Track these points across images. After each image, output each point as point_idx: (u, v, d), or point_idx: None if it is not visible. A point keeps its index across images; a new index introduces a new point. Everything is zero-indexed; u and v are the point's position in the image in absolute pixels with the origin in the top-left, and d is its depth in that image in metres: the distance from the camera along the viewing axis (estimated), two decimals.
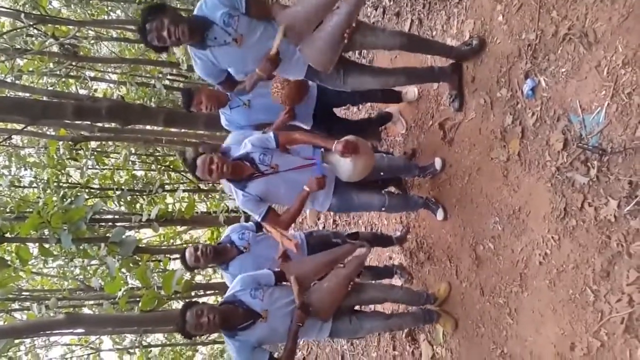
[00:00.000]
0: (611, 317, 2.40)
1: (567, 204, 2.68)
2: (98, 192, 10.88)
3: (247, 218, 6.28)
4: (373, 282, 4.24)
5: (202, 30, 2.80)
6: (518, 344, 2.99)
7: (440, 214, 3.77)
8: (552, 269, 2.75)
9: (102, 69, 13.35)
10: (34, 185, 11.08)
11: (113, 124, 8.22)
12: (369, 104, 5.01)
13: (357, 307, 3.49)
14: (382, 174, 3.78)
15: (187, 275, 7.22)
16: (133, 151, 12.42)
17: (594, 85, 2.54)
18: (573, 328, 2.60)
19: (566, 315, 2.65)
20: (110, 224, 8.60)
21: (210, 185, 10.91)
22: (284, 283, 3.18)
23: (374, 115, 4.75)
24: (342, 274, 3.10)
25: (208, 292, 10.27)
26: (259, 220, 3.31)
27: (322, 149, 3.28)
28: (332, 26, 2.72)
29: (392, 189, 4.23)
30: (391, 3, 4.65)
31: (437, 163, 3.77)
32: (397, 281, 4.36)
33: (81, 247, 6.79)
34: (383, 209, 3.62)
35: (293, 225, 7.35)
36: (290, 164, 3.25)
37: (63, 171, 10.81)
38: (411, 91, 4.20)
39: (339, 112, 4.41)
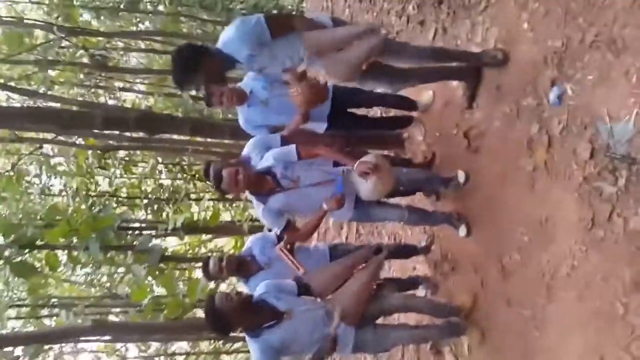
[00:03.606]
0: None
1: (595, 215, 2.61)
2: (126, 200, 11.06)
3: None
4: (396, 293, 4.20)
5: (230, 68, 2.90)
6: (545, 356, 2.91)
7: (462, 231, 3.70)
8: (580, 281, 2.69)
9: (130, 80, 13.61)
10: (64, 193, 11.32)
11: (141, 134, 8.37)
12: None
13: (380, 320, 3.46)
14: (401, 188, 3.79)
15: (212, 284, 7.26)
16: (160, 160, 12.60)
17: (622, 93, 2.49)
18: (601, 342, 2.53)
19: (595, 329, 2.58)
20: (137, 232, 8.73)
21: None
22: (306, 297, 3.18)
23: (394, 114, 4.76)
24: (363, 276, 3.12)
25: None
26: (278, 233, 3.37)
27: (344, 166, 3.31)
28: (353, 55, 2.86)
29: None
30: (415, 12, 4.64)
31: (460, 176, 3.70)
32: (421, 293, 4.31)
33: (108, 255, 6.91)
34: (402, 222, 3.66)
35: (316, 235, 7.36)
36: (311, 178, 3.29)
37: (92, 180, 11.04)
38: (426, 95, 4.21)
39: (358, 111, 4.40)
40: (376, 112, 5.28)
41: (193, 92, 11.45)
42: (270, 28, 2.80)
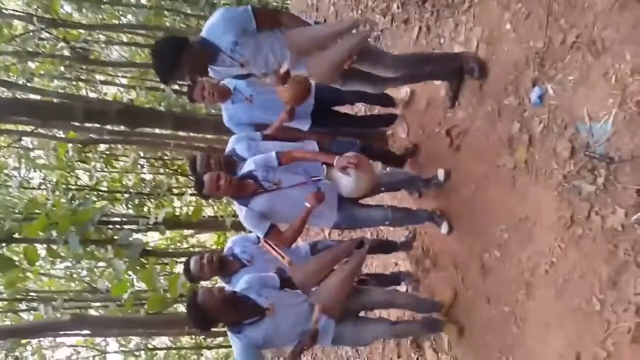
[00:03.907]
0: (618, 327, 2.38)
1: (574, 213, 2.66)
2: (106, 194, 10.95)
3: None
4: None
5: (213, 57, 2.83)
6: (524, 353, 2.96)
7: (444, 228, 3.75)
8: (559, 278, 2.74)
9: (112, 73, 13.46)
10: (43, 187, 11.17)
11: (122, 127, 8.29)
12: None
13: (361, 314, 3.49)
14: (382, 189, 3.83)
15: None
16: (142, 154, 12.49)
17: (602, 93, 2.53)
18: (579, 337, 2.58)
19: (572, 325, 2.63)
20: (117, 226, 8.65)
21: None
22: (288, 290, 3.19)
23: (378, 113, 4.81)
24: (346, 269, 3.14)
25: None
26: (262, 237, 3.34)
27: (324, 165, 3.35)
28: (335, 53, 2.82)
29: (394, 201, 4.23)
30: (399, 10, 4.66)
31: (440, 174, 3.77)
32: (403, 288, 4.35)
33: (88, 249, 6.84)
34: (387, 222, 3.68)
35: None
36: (292, 180, 3.31)
37: (72, 173, 10.91)
38: (403, 91, 4.33)
39: (342, 109, 4.44)
40: (360, 109, 5.30)
41: (176, 87, 11.40)
42: (257, 19, 2.76)
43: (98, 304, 10.45)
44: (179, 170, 12.89)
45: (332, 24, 2.86)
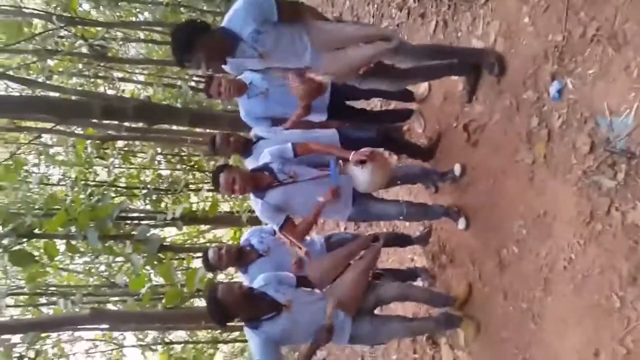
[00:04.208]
0: (638, 324, 2.35)
1: (594, 208, 2.63)
2: (124, 190, 11.05)
3: None
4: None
5: (232, 46, 2.79)
6: (541, 349, 2.94)
7: (462, 224, 3.73)
8: (577, 274, 2.71)
9: (129, 70, 13.57)
10: (62, 183, 11.31)
11: (140, 124, 8.35)
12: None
13: (377, 312, 3.48)
14: (399, 182, 3.83)
15: (210, 274, 7.28)
16: (159, 151, 12.59)
17: (623, 87, 2.49)
18: (598, 334, 2.55)
19: (591, 322, 2.60)
20: (135, 222, 8.73)
21: None
22: (304, 288, 3.20)
23: (394, 108, 4.79)
24: (360, 265, 3.16)
25: None
26: (277, 229, 3.38)
27: (340, 160, 3.34)
28: (355, 57, 2.82)
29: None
30: (416, 4, 4.63)
31: (457, 169, 3.75)
32: (419, 284, 4.33)
33: (107, 244, 6.91)
34: (402, 217, 3.69)
35: (314, 228, 7.36)
36: (308, 174, 3.35)
37: (90, 170, 11.02)
38: (422, 87, 4.29)
39: (358, 104, 4.43)
40: (376, 104, 5.28)
41: (193, 83, 11.46)
42: (279, 10, 2.73)
43: (116, 298, 10.57)
44: (196, 166, 12.96)
45: (362, 26, 2.82)
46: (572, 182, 2.77)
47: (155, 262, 7.22)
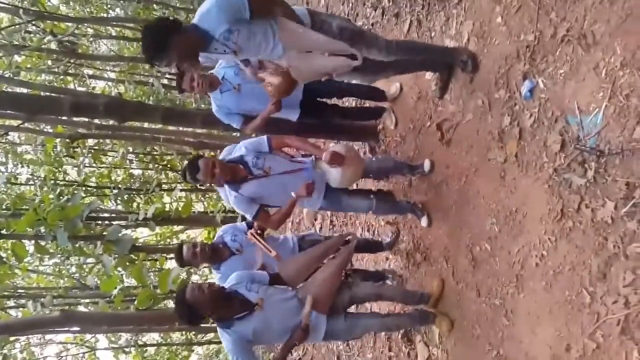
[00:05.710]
0: (607, 318, 2.40)
1: (564, 206, 2.67)
2: (95, 190, 10.86)
3: (244, 218, 6.28)
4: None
5: (204, 44, 2.75)
6: (514, 345, 2.98)
7: (424, 221, 3.90)
8: (549, 271, 2.75)
9: (100, 67, 13.32)
10: (31, 182, 11.06)
11: (110, 122, 8.19)
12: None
13: (351, 309, 3.49)
14: (371, 175, 3.91)
15: (183, 275, 7.21)
16: (130, 150, 12.39)
17: (592, 86, 2.54)
18: (569, 329, 2.60)
19: (562, 317, 2.65)
20: (106, 222, 8.58)
21: (208, 185, 10.91)
22: (277, 286, 3.20)
23: (366, 105, 4.84)
24: (334, 264, 3.20)
25: None
26: (251, 219, 3.46)
27: (314, 156, 3.44)
28: (320, 64, 2.91)
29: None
30: (390, 4, 4.65)
31: (426, 165, 3.85)
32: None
33: (77, 245, 6.76)
34: (371, 211, 3.79)
35: (290, 226, 7.35)
36: (282, 167, 3.41)
37: (60, 169, 10.80)
38: (394, 86, 4.38)
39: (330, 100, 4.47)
40: (351, 103, 5.30)
41: (165, 81, 11.31)
42: (251, 7, 2.69)
43: (87, 300, 10.36)
44: (169, 166, 12.81)
45: (332, 41, 2.82)
46: (543, 180, 2.82)
47: (127, 263, 7.10)
